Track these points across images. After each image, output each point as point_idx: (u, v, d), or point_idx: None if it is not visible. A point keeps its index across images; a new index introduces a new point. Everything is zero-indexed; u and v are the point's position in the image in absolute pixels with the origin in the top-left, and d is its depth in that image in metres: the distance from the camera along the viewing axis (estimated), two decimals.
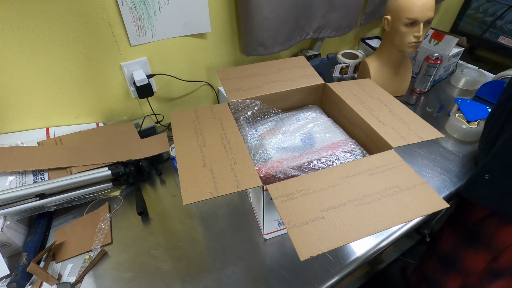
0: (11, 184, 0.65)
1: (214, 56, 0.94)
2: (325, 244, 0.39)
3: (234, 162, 0.50)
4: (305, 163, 0.57)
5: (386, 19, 0.89)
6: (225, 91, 0.68)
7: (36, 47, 0.68)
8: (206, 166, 0.50)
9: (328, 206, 0.44)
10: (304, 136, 0.64)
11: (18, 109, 0.75)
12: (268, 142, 0.63)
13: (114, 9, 0.71)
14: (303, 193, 0.45)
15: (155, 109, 0.94)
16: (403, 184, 0.47)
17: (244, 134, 0.65)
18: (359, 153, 0.59)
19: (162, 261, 0.61)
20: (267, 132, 0.66)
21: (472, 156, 0.83)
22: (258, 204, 0.60)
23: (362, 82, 0.71)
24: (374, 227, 0.41)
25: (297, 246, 0.39)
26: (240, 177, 0.48)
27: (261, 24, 0.83)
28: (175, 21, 0.79)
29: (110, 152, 0.76)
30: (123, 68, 0.80)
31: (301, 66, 0.76)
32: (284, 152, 0.60)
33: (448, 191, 0.74)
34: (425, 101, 1.05)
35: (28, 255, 0.60)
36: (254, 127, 0.68)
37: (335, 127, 0.66)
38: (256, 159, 0.59)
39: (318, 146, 0.61)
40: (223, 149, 0.53)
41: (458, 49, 1.07)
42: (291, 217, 0.43)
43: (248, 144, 0.63)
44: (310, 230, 0.41)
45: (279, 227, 0.63)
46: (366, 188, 0.46)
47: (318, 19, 0.96)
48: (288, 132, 0.65)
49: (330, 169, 0.50)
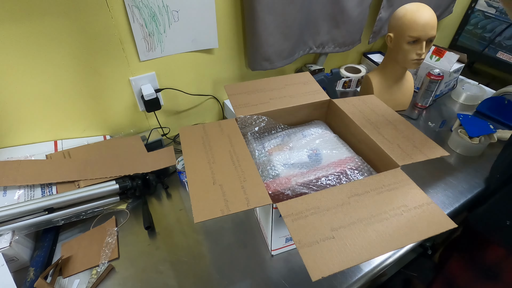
0: (20, 198, 0.65)
1: (220, 70, 0.95)
2: (336, 264, 0.39)
3: (243, 180, 0.51)
4: (313, 180, 0.57)
5: (389, 36, 0.91)
6: (233, 106, 0.69)
7: (47, 62, 0.69)
8: (216, 183, 0.50)
9: (338, 225, 0.44)
10: (311, 153, 0.65)
11: (27, 122, 0.76)
12: (275, 159, 0.63)
13: (125, 26, 0.72)
14: (312, 212, 0.46)
15: (161, 122, 0.95)
16: (411, 203, 0.48)
17: (251, 149, 0.66)
18: (366, 170, 0.59)
19: (169, 277, 0.61)
20: (274, 148, 0.67)
21: (474, 172, 0.84)
22: (267, 221, 0.60)
23: (367, 98, 0.73)
24: (384, 248, 0.41)
25: (309, 267, 0.39)
26: (250, 195, 0.48)
27: (266, 40, 0.85)
28: (184, 37, 0.81)
29: (117, 165, 0.77)
30: (131, 82, 0.82)
31: (306, 81, 0.78)
32: (291, 169, 0.61)
33: (453, 207, 0.74)
34: (427, 116, 1.06)
35: (35, 270, 0.60)
36: (261, 142, 0.69)
37: (341, 144, 0.67)
38: (264, 175, 0.60)
39: (325, 162, 0.62)
40: (232, 166, 0.54)
41: (459, 65, 1.09)
42: (301, 236, 0.43)
43: (256, 160, 0.64)
44: (321, 250, 0.41)
45: (286, 243, 0.63)
46: (375, 207, 0.47)
47: (322, 35, 0.98)
48: (295, 148, 0.66)
49: (338, 187, 0.50)
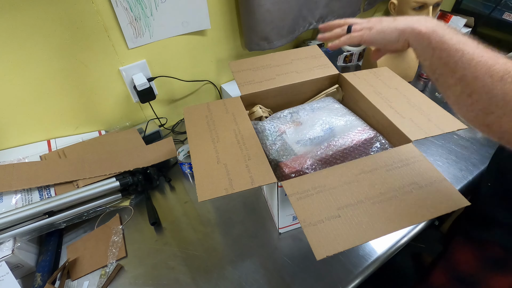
0: (17, 203, 0.63)
1: (215, 53, 0.90)
2: (341, 243, 0.39)
3: (248, 158, 0.50)
4: (331, 155, 0.54)
5: (392, 3, 0.86)
6: (237, 84, 0.66)
7: (30, 57, 0.64)
8: (220, 162, 0.49)
9: (344, 204, 0.42)
10: (325, 127, 0.61)
11: (16, 123, 0.72)
12: (289, 137, 0.60)
13: (109, 11, 0.67)
14: (318, 190, 0.44)
15: (158, 112, 0.91)
16: (422, 181, 0.45)
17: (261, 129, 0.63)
18: (379, 141, 0.56)
19: (180, 272, 0.60)
20: (286, 126, 0.64)
21: (485, 141, 0.81)
22: (272, 200, 0.59)
23: (379, 71, 0.68)
24: (392, 226, 0.40)
25: (313, 245, 0.38)
26: (254, 173, 0.47)
27: (263, 18, 0.79)
28: (173, 20, 0.75)
29: (116, 161, 0.73)
30: (122, 72, 0.77)
31: (314, 56, 0.73)
32: (306, 146, 0.58)
33: (466, 180, 0.72)
34: (433, 87, 1.02)
35: (42, 275, 0.58)
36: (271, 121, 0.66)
37: (352, 115, 0.63)
38: (280, 155, 0.57)
39: (338, 134, 0.59)
40: (236, 145, 0.52)
41: (466, 29, 1.03)
42: (306, 215, 0.42)
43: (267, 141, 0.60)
44: (326, 229, 0.40)
45: (293, 221, 0.62)
46: (384, 185, 0.45)
47: (321, 8, 0.92)
48: (306, 124, 0.62)
49: (346, 164, 0.48)
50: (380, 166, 0.47)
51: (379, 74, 0.67)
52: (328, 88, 0.70)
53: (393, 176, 0.46)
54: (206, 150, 0.52)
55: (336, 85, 0.70)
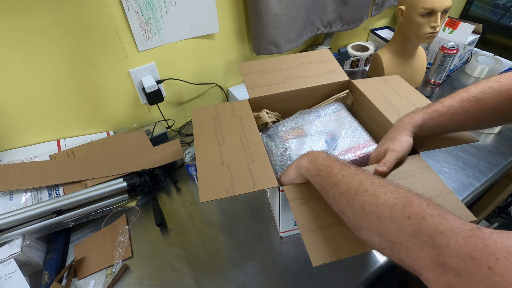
0: (27, 202, 0.64)
1: (223, 56, 0.91)
2: (339, 251, 0.39)
3: (251, 162, 0.50)
4: None
5: (400, 9, 0.85)
6: (246, 86, 0.67)
7: (42, 59, 0.65)
8: (224, 164, 0.50)
9: None
10: (327, 138, 0.62)
11: (27, 122, 0.73)
12: (292, 151, 0.60)
13: (120, 14, 0.68)
14: (319, 197, 0.44)
15: (165, 114, 0.92)
16: (427, 193, 0.44)
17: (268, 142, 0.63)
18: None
19: (185, 274, 0.60)
20: (290, 133, 0.64)
21: (493, 149, 0.80)
22: (274, 204, 0.59)
23: (390, 79, 0.68)
24: None
25: (310, 252, 0.39)
26: (256, 177, 0.47)
27: (271, 22, 0.80)
28: (183, 24, 0.77)
29: (123, 162, 0.74)
30: (131, 74, 0.78)
31: (325, 60, 0.73)
32: None
33: (474, 187, 0.71)
34: (440, 93, 1.02)
35: (49, 273, 0.59)
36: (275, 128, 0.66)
37: (358, 126, 0.63)
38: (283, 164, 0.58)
39: (342, 147, 0.59)
40: (241, 148, 0.53)
41: (474, 36, 1.03)
42: (306, 221, 0.42)
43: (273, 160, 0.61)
44: (324, 236, 0.40)
45: (295, 226, 0.62)
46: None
47: (329, 13, 0.93)
48: (310, 132, 0.63)
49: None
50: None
51: (390, 81, 0.67)
52: (338, 94, 0.71)
53: None
54: (211, 151, 0.52)
55: (347, 90, 0.70)
